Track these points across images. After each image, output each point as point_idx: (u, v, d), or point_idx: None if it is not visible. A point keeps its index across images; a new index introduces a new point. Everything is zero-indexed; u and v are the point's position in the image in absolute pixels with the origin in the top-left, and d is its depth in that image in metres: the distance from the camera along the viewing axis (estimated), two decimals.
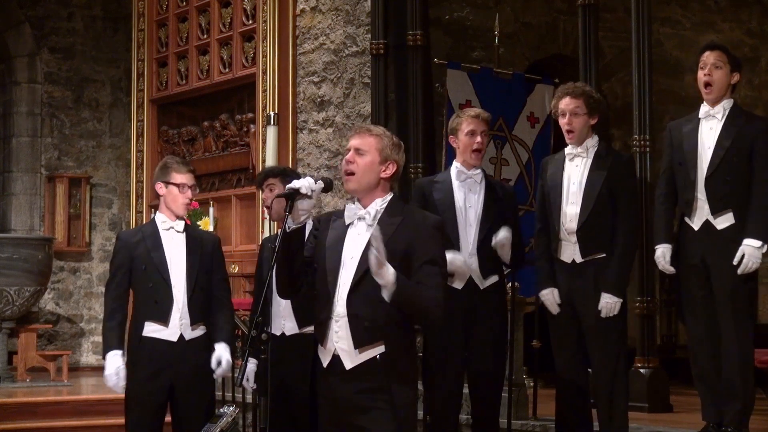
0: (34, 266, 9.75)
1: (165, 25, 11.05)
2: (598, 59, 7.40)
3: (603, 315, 5.46)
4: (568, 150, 5.68)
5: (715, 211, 5.49)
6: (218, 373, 5.49)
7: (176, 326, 5.47)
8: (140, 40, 11.24)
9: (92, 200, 11.99)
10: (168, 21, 10.99)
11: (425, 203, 5.61)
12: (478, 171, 5.71)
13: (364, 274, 4.01)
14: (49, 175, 11.83)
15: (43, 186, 11.84)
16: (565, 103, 5.64)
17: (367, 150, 4.12)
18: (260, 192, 5.97)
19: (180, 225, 5.60)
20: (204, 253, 5.59)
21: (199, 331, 5.54)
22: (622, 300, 5.50)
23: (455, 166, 5.73)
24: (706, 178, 5.52)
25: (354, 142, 4.15)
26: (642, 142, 6.89)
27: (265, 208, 5.93)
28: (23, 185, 11.83)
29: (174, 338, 5.47)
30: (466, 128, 5.69)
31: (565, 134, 5.65)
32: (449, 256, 5.32)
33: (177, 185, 5.56)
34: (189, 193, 5.58)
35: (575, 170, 5.61)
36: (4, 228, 11.75)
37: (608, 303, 5.46)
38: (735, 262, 5.39)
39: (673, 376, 7.41)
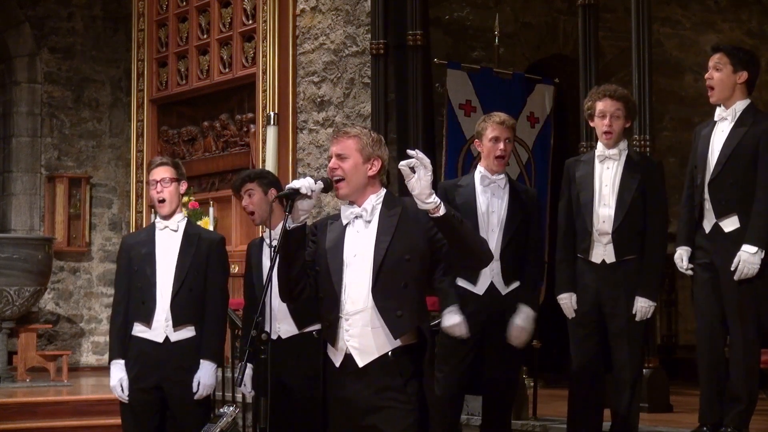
0: (34, 266, 9.75)
1: (165, 25, 11.05)
2: (598, 59, 7.41)
3: (638, 318, 5.49)
4: (598, 152, 5.65)
5: (720, 215, 5.48)
6: (196, 396, 5.46)
7: (161, 327, 5.45)
8: (140, 40, 11.24)
9: (92, 200, 11.99)
10: (168, 21, 10.99)
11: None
12: (502, 176, 5.69)
13: (380, 266, 4.03)
14: (49, 175, 11.83)
15: (43, 186, 11.84)
16: (607, 105, 5.59)
17: (349, 153, 4.12)
18: (239, 198, 5.88)
19: (174, 224, 5.55)
20: (198, 252, 5.53)
21: (187, 333, 5.49)
22: (656, 304, 5.55)
23: (479, 170, 5.71)
24: (709, 183, 5.52)
25: (334, 148, 4.16)
26: (642, 142, 6.89)
27: (248, 214, 5.84)
28: (23, 185, 11.83)
29: (159, 339, 5.46)
30: (490, 134, 5.68)
31: (602, 135, 5.59)
32: (451, 320, 5.39)
33: (150, 183, 5.58)
34: (159, 187, 5.51)
35: (607, 172, 5.59)
36: (4, 228, 11.75)
37: (644, 307, 5.48)
38: (732, 268, 5.40)
39: (673, 376, 7.42)
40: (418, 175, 3.89)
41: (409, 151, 3.95)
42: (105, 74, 12.13)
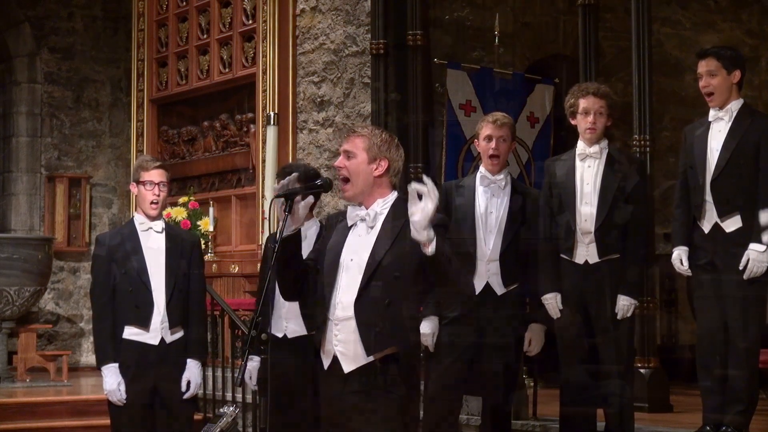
0: (34, 266, 9.75)
1: (165, 25, 11.05)
2: (598, 59, 7.40)
3: (620, 317, 5.49)
4: (579, 150, 5.65)
5: (722, 214, 5.48)
6: (187, 395, 5.51)
7: (157, 330, 5.47)
8: (140, 40, 11.24)
9: (92, 200, 11.98)
10: (168, 21, 10.99)
11: (449, 207, 5.58)
12: (502, 176, 5.68)
13: (370, 278, 4.00)
14: (49, 175, 11.82)
15: (43, 186, 11.84)
16: (590, 102, 5.60)
17: (355, 152, 4.12)
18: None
19: (158, 225, 5.55)
20: (183, 254, 5.57)
21: (180, 333, 5.53)
22: (637, 302, 5.54)
23: (481, 171, 5.72)
24: (712, 182, 5.51)
25: (343, 146, 4.16)
26: (642, 142, 6.88)
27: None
28: (23, 185, 11.82)
29: (155, 341, 5.47)
30: (483, 133, 5.70)
31: (585, 132, 5.60)
32: (424, 325, 5.38)
33: (144, 183, 5.52)
34: (156, 190, 5.49)
35: (588, 171, 5.60)
36: (4, 228, 11.74)
37: (625, 305, 5.49)
38: (741, 267, 5.39)
39: (673, 376, 7.41)
40: (424, 204, 3.81)
41: (425, 178, 3.87)
42: (105, 74, 12.12)
